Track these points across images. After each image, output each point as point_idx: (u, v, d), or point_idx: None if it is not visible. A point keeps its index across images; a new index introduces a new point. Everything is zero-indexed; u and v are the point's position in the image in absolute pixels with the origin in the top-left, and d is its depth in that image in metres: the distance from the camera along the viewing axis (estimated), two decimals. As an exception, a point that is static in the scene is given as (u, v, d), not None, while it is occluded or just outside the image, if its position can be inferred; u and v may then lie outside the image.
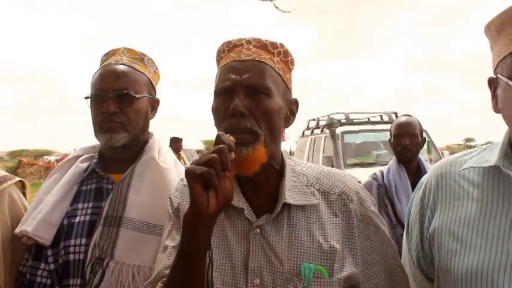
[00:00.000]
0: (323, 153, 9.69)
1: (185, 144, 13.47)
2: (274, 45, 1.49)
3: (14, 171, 23.54)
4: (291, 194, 1.41)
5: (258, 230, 1.38)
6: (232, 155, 1.21)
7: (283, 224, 1.38)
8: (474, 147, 2.34)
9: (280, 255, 1.34)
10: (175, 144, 11.57)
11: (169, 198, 1.56)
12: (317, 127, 10.98)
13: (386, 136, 5.89)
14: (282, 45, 1.50)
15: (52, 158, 32.43)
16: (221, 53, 1.52)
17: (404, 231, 1.54)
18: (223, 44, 1.52)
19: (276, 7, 7.35)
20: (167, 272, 1.36)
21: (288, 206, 1.40)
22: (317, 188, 1.46)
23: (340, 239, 1.38)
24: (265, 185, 1.43)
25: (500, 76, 1.25)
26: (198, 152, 21.19)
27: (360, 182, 1.85)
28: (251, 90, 1.38)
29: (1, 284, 1.82)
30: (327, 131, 9.67)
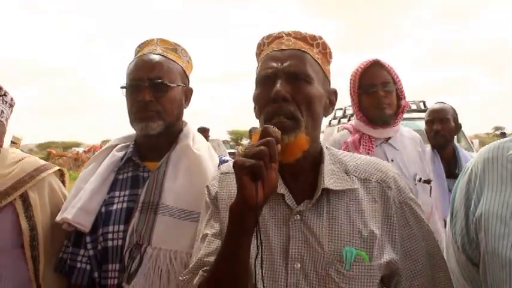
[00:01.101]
0: (350, 141, 9.60)
1: (211, 135, 13.52)
2: (313, 37, 1.52)
3: (44, 162, 23.85)
4: (330, 180, 1.43)
5: (298, 216, 1.40)
6: (279, 147, 1.23)
7: (323, 210, 1.41)
8: (503, 135, 2.32)
9: (321, 240, 1.37)
10: (203, 134, 11.51)
11: (207, 186, 1.59)
12: (344, 116, 10.89)
13: (414, 125, 5.83)
14: (320, 38, 1.53)
15: (80, 150, 32.89)
16: (261, 46, 1.56)
17: (449, 216, 1.54)
18: (263, 37, 1.56)
19: None
20: (207, 259, 1.40)
21: (327, 192, 1.42)
22: (356, 175, 1.48)
23: (379, 225, 1.41)
24: (304, 172, 1.45)
25: None
26: (224, 142, 21.27)
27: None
28: (292, 77, 1.41)
29: (41, 269, 1.88)
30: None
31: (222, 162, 1.99)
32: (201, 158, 1.92)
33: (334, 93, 1.55)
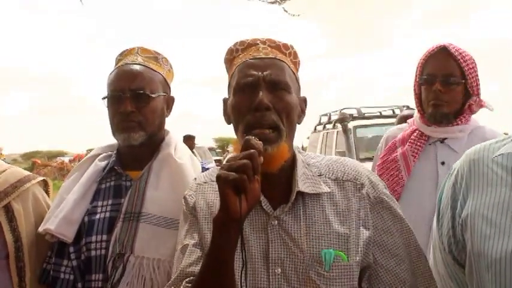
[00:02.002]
0: (335, 148, 9.67)
1: (197, 142, 13.51)
2: (286, 46, 1.55)
3: (28, 172, 23.64)
4: (304, 184, 1.45)
5: (276, 221, 1.42)
6: (261, 159, 1.24)
7: (300, 213, 1.43)
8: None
9: (299, 244, 1.39)
10: (188, 142, 11.59)
11: (184, 197, 1.59)
12: (329, 122, 10.94)
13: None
14: (292, 47, 1.56)
15: (65, 159, 32.66)
16: (234, 52, 1.56)
17: (435, 217, 1.56)
18: (236, 43, 1.56)
19: (285, 10, 7.32)
20: (189, 270, 1.40)
21: (302, 196, 1.44)
22: (329, 176, 1.50)
23: (355, 223, 1.43)
24: (279, 178, 1.46)
25: None
26: (210, 149, 21.24)
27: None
28: (273, 86, 1.43)
29: (27, 281, 1.87)
30: (339, 125, 9.65)
31: (204, 170, 1.99)
32: (182, 166, 1.93)
33: (305, 100, 1.58)
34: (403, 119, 4.09)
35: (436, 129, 2.50)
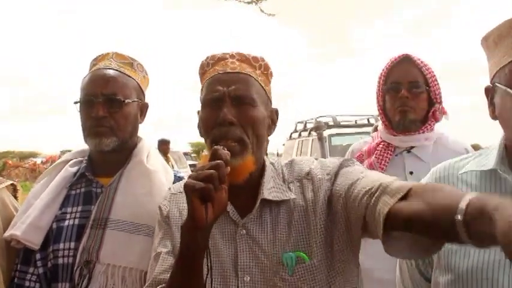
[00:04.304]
0: (311, 155, 9.73)
1: (172, 147, 13.43)
2: (255, 59, 1.57)
3: (-1, 173, 23.28)
4: (270, 192, 1.48)
5: (244, 231, 1.45)
6: (228, 168, 1.27)
7: (267, 221, 1.46)
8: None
9: (266, 251, 1.42)
10: (163, 146, 11.52)
11: (159, 207, 1.61)
12: (304, 130, 11.01)
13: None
14: (262, 59, 1.58)
15: (38, 160, 32.16)
16: (205, 67, 1.58)
17: None
18: (207, 57, 1.58)
19: (262, 10, 7.41)
20: (162, 277, 1.43)
21: (269, 204, 1.47)
22: (289, 180, 1.52)
23: (319, 219, 1.42)
24: (247, 187, 1.48)
25: (498, 84, 1.32)
26: (185, 154, 21.13)
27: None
28: (238, 101, 1.46)
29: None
30: (315, 133, 9.72)
31: (176, 178, 1.99)
32: (154, 174, 1.91)
33: (276, 112, 1.60)
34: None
35: (402, 138, 2.50)
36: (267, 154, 1.64)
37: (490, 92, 1.40)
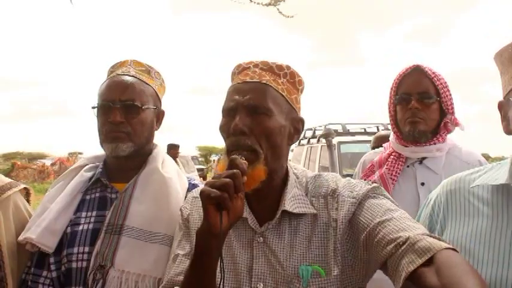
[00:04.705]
0: (319, 163, 9.72)
1: (180, 151, 13.47)
2: (280, 67, 1.56)
3: (7, 174, 23.38)
4: (291, 203, 1.49)
5: (261, 239, 1.47)
6: (245, 178, 1.29)
7: (285, 231, 1.47)
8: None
9: (281, 260, 1.43)
10: (173, 151, 11.57)
11: (180, 209, 1.65)
12: (313, 137, 11.00)
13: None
14: (288, 67, 1.57)
15: (46, 162, 32.30)
16: (233, 76, 1.60)
17: None
18: (235, 67, 1.60)
19: (280, 12, 7.42)
20: (177, 279, 1.47)
21: (289, 215, 1.48)
22: (312, 194, 1.53)
23: (340, 238, 1.43)
24: (268, 196, 1.51)
25: None
26: (193, 158, 21.19)
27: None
28: (252, 110, 1.46)
29: None
30: (323, 140, 9.70)
31: (191, 185, 2.00)
32: (169, 181, 1.92)
33: (301, 121, 1.59)
34: (379, 139, 4.13)
35: (413, 149, 2.48)
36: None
37: (503, 107, 1.40)
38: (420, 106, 2.40)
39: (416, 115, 2.41)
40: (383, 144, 2.76)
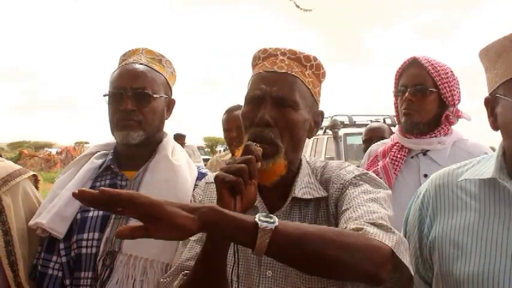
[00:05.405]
0: (325, 154, 9.72)
1: (186, 141, 13.51)
2: (307, 58, 1.54)
3: (14, 162, 23.37)
4: (301, 190, 1.49)
5: None
6: (259, 164, 1.30)
7: (295, 219, 1.47)
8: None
9: None
10: (179, 140, 11.51)
11: (193, 195, 1.65)
12: (320, 128, 10.97)
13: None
14: (315, 59, 1.55)
15: (53, 151, 32.42)
16: (256, 60, 1.58)
17: None
18: (260, 50, 1.57)
19: (297, 6, 7.37)
20: (188, 263, 1.46)
21: (299, 201, 1.48)
22: (322, 181, 1.52)
23: (333, 220, 1.45)
24: (280, 185, 1.49)
25: (503, 97, 1.32)
26: (199, 148, 21.21)
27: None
28: (279, 102, 1.45)
29: (21, 275, 1.86)
30: (330, 132, 9.69)
31: (200, 174, 2.01)
32: (178, 169, 1.93)
33: (321, 114, 1.59)
34: (370, 131, 4.16)
35: (415, 141, 2.51)
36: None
37: (490, 103, 1.40)
38: (414, 98, 2.43)
39: (409, 106, 2.45)
40: (391, 136, 2.77)
